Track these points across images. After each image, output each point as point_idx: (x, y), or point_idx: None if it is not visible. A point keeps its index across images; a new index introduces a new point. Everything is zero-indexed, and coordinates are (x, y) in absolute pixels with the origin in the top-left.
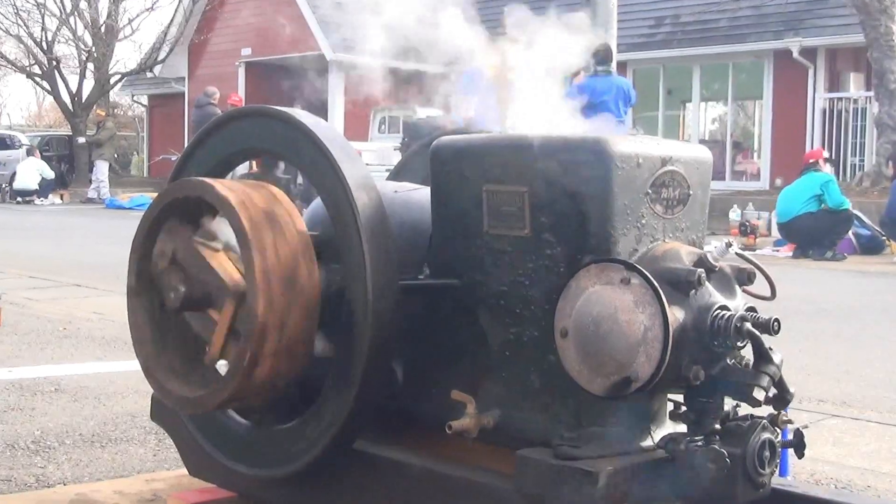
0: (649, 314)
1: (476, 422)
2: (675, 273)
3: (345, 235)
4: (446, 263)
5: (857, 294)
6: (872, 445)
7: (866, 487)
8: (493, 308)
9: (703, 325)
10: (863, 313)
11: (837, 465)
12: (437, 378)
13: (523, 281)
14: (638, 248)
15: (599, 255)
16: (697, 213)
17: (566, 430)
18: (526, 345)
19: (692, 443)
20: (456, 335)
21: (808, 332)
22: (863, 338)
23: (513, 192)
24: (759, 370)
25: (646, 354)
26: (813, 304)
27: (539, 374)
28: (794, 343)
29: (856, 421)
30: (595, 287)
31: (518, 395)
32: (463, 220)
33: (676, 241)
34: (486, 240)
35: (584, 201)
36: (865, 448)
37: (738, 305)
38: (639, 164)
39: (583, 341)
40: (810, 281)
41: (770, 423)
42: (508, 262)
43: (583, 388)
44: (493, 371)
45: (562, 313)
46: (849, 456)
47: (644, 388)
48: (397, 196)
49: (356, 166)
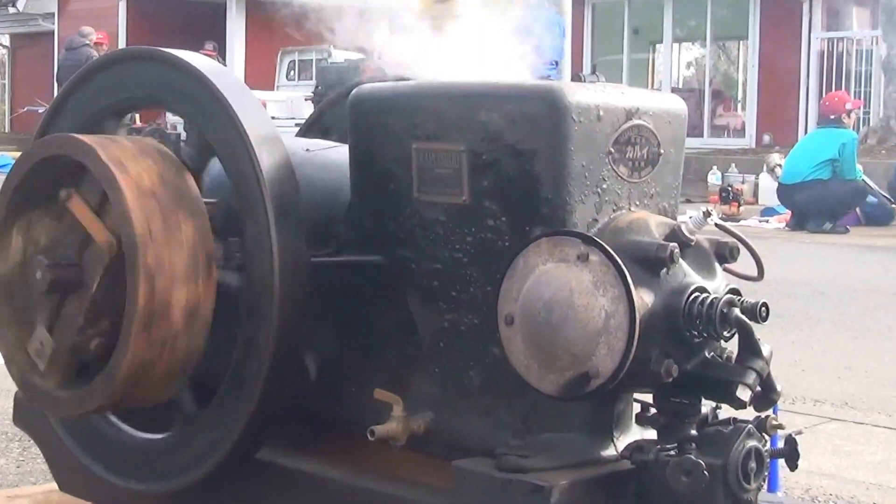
0: (611, 297)
1: (404, 426)
2: (643, 248)
3: (246, 203)
4: (368, 236)
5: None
6: (879, 455)
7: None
8: (424, 290)
9: (677, 310)
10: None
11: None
12: (358, 374)
13: (460, 257)
14: (598, 219)
15: (552, 227)
16: (669, 177)
17: (512, 436)
18: (464, 334)
19: (663, 452)
20: (380, 323)
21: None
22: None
23: (448, 150)
24: (745, 365)
25: (607, 346)
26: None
27: (479, 369)
28: (786, 333)
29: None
30: (547, 265)
31: (454, 395)
32: (388, 184)
33: (644, 210)
34: (415, 208)
35: (534, 162)
36: (871, 458)
37: (719, 287)
38: (599, 118)
39: (532, 330)
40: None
41: (757, 429)
42: (443, 234)
43: (532, 386)
44: (425, 366)
45: (507, 297)
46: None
47: (605, 387)
48: (309, 156)
49: (259, 120)
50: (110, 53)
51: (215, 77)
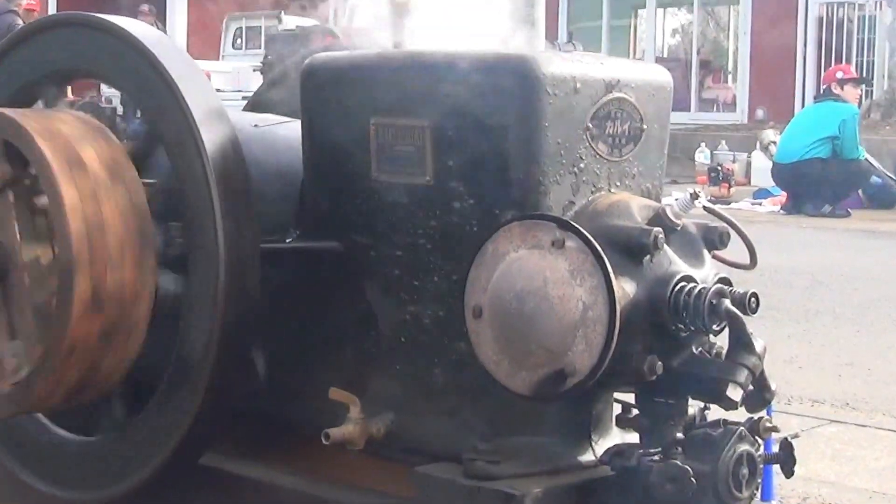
0: (589, 288)
1: (362, 429)
2: (624, 233)
3: (189, 184)
4: (323, 221)
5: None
6: (883, 461)
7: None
8: (383, 279)
9: (662, 301)
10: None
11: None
12: (312, 372)
13: (424, 244)
14: (575, 201)
15: (524, 210)
16: (653, 155)
17: (480, 440)
18: (427, 328)
19: (646, 457)
20: (336, 315)
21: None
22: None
23: (410, 126)
24: (736, 362)
25: (585, 340)
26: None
27: (444, 366)
28: (781, 326)
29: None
30: (519, 252)
31: (417, 395)
32: (344, 163)
33: (626, 192)
34: (374, 189)
35: (504, 139)
36: (874, 464)
37: (707, 276)
38: (576, 90)
39: (502, 324)
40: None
41: (749, 432)
42: (404, 218)
43: (502, 385)
44: (385, 363)
45: (475, 287)
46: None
47: (583, 385)
48: (258, 132)
49: (203, 93)
50: (37, 21)
51: (154, 45)
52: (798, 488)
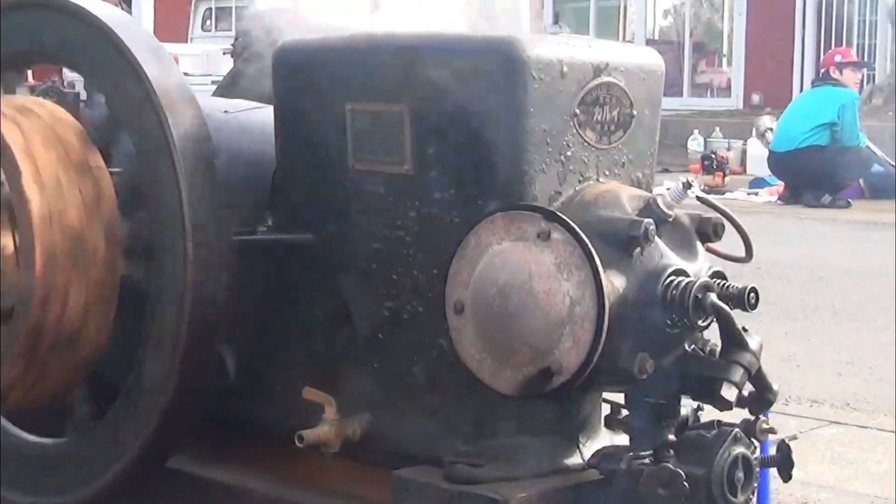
0: (577, 282)
1: (337, 430)
2: (614, 225)
3: (155, 173)
4: (296, 211)
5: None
6: (886, 464)
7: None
8: (360, 273)
9: (652, 296)
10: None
11: (837, 490)
12: (285, 371)
13: (402, 236)
14: (562, 191)
15: (508, 201)
16: (644, 142)
17: (463, 442)
18: (406, 324)
19: (636, 460)
20: (310, 311)
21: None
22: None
23: (388, 112)
24: (731, 360)
25: (572, 338)
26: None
27: (424, 364)
28: (779, 323)
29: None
30: (502, 245)
31: (395, 395)
32: (319, 151)
33: (615, 181)
34: (350, 179)
35: (487, 125)
36: (876, 467)
37: (700, 270)
38: (563, 74)
39: (485, 320)
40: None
41: (745, 433)
42: (382, 209)
43: (485, 384)
44: (362, 361)
45: (456, 281)
46: (853, 478)
47: (570, 385)
48: (228, 118)
49: (170, 77)
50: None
51: (118, 27)
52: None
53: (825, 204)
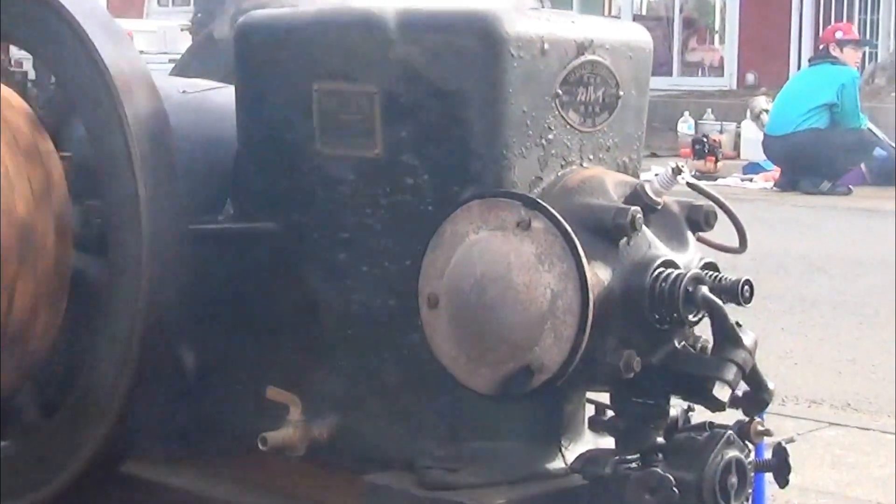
0: (559, 274)
1: (303, 433)
2: (598, 213)
3: (108, 157)
4: (259, 199)
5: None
6: (888, 468)
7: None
8: (328, 265)
9: (640, 289)
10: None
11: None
12: (247, 370)
13: (373, 224)
14: (543, 177)
15: (486, 187)
16: (631, 125)
17: (437, 445)
18: (377, 319)
19: (622, 464)
20: (274, 305)
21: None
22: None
23: (357, 92)
24: (724, 357)
25: (554, 333)
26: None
27: (396, 362)
28: (775, 318)
29: (864, 432)
30: (479, 234)
31: (365, 395)
32: (284, 134)
33: (600, 166)
34: (317, 163)
35: (463, 106)
36: (879, 472)
37: (691, 261)
38: (544, 52)
39: (461, 314)
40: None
41: (738, 436)
42: (351, 196)
43: (461, 383)
44: (329, 358)
45: (430, 273)
46: (855, 483)
47: (552, 383)
48: (187, 99)
49: (125, 55)
50: None
51: (69, 2)
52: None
53: (824, 191)
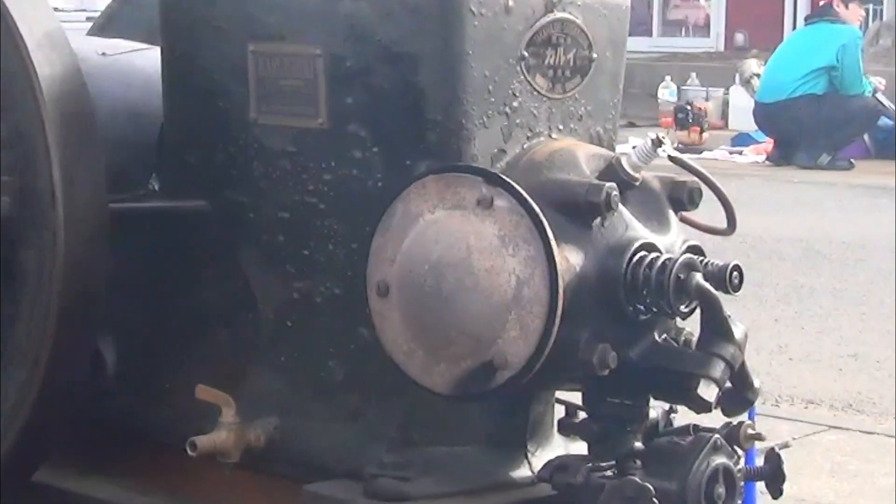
0: (525, 258)
1: (237, 437)
2: (569, 190)
3: (18, 126)
4: (188, 174)
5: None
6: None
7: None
8: (265, 248)
9: (616, 276)
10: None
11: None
12: (174, 366)
13: (315, 203)
14: (507, 150)
15: (443, 161)
16: (606, 91)
17: (387, 451)
18: (320, 310)
19: (596, 472)
20: (205, 294)
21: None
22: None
23: (298, 54)
24: (710, 352)
25: (519, 325)
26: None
27: (342, 358)
28: (768, 307)
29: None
30: (435, 214)
31: (308, 394)
32: (215, 101)
33: (571, 138)
34: (253, 135)
35: (417, 70)
36: (884, 480)
37: (674, 244)
38: (508, 9)
39: (415, 304)
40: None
41: (727, 440)
42: (291, 171)
43: (415, 381)
44: (267, 354)
45: (380, 258)
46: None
47: (517, 382)
48: (107, 62)
49: (37, 12)
50: None
51: None
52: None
53: (823, 165)
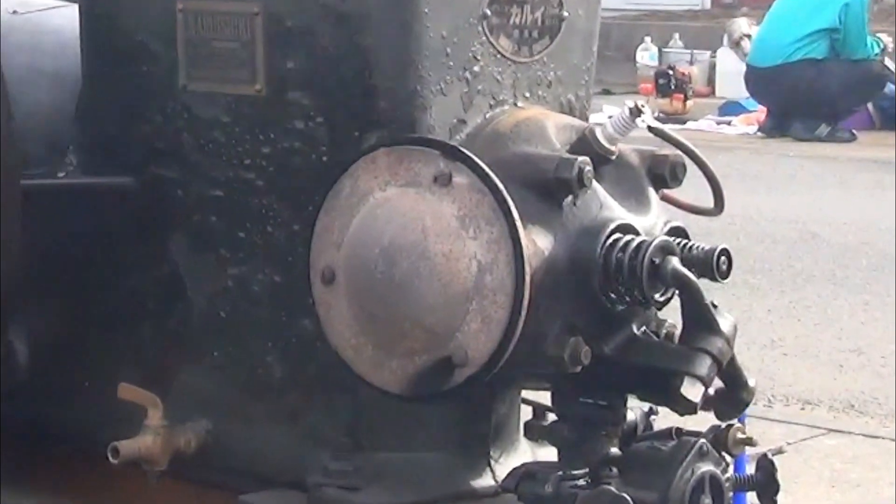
0: (487, 242)
1: (165, 442)
2: (537, 165)
3: None
4: (110, 147)
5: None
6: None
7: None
8: (196, 230)
9: (589, 261)
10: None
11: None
12: (94, 362)
13: (252, 179)
14: (467, 120)
15: (395, 132)
16: (577, 54)
17: (333, 457)
18: (258, 299)
19: (566, 481)
20: (129, 281)
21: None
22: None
23: (233, 13)
24: (695, 346)
25: (481, 316)
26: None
27: (282, 353)
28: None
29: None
30: (387, 191)
31: (244, 394)
32: (139, 66)
33: (538, 106)
34: (182, 103)
35: (367, 31)
36: (889, 490)
37: (654, 225)
38: None
39: (364, 293)
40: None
41: (713, 445)
42: (225, 144)
43: (364, 379)
44: (198, 348)
45: (325, 241)
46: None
47: (478, 380)
48: (18, 21)
49: None
50: None
51: None
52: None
53: (822, 137)
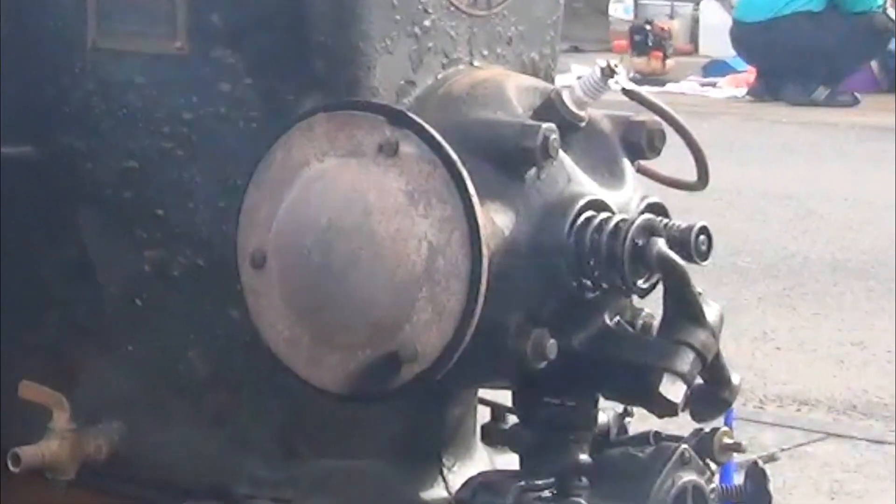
0: (439, 220)
1: (73, 447)
2: (496, 132)
3: None
4: (12, 113)
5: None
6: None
7: None
8: (107, 207)
9: (556, 242)
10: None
11: None
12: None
13: (172, 149)
14: (416, 81)
15: (335, 96)
16: (542, 7)
17: (263, 465)
18: (177, 285)
19: (529, 492)
20: (31, 264)
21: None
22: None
23: None
24: (676, 339)
25: (432, 306)
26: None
27: (206, 347)
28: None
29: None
30: (325, 163)
31: (161, 393)
32: (45, 21)
33: (498, 66)
34: (93, 62)
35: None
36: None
37: (629, 201)
38: None
39: (299, 280)
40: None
41: (697, 452)
42: (141, 109)
43: (298, 376)
44: (110, 342)
45: (254, 219)
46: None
47: (429, 378)
48: None
49: None
50: None
51: None
52: None
53: (819, 100)
